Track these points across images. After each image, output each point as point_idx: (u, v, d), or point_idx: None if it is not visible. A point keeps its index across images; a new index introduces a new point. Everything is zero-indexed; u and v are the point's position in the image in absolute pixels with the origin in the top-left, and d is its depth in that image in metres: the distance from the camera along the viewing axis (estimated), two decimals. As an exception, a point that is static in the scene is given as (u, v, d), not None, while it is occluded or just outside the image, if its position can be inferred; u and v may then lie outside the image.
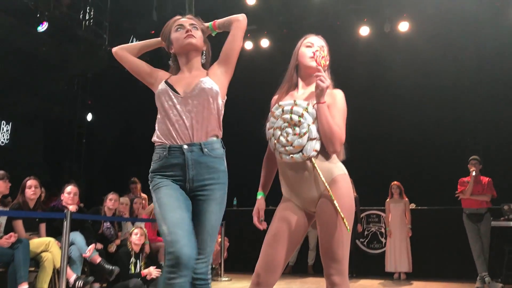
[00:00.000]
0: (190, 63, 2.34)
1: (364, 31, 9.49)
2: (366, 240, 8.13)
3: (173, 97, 2.21)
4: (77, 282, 4.79)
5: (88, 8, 9.01)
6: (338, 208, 2.12)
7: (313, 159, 2.17)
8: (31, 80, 8.48)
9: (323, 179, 2.16)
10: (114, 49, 2.42)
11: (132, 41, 10.05)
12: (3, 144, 8.54)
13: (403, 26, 9.22)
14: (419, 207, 7.91)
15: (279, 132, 2.23)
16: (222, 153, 2.26)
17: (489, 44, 8.67)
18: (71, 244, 4.89)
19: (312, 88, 2.33)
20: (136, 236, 5.40)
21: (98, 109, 10.47)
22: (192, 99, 2.20)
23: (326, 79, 2.19)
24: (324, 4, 9.21)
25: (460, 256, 6.97)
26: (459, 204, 6.57)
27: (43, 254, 4.62)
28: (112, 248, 5.54)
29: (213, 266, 7.16)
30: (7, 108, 8.36)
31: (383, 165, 9.27)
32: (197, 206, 2.16)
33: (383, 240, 7.96)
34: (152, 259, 5.70)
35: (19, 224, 4.74)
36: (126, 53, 2.40)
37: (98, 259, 5.08)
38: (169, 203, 2.07)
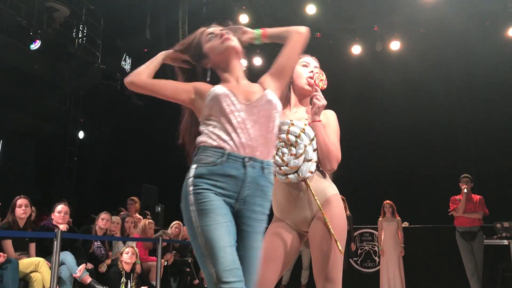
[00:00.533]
0: (234, 70, 1.97)
1: (356, 49, 9.62)
2: (360, 259, 8.08)
3: (235, 102, 1.83)
4: (66, 303, 4.73)
5: (81, 26, 9.03)
6: (331, 230, 2.11)
7: (307, 180, 2.17)
8: (23, 98, 8.44)
9: (317, 200, 2.15)
10: (127, 80, 1.92)
11: (125, 59, 10.08)
12: (-7, 162, 8.46)
13: (395, 45, 9.36)
14: (412, 226, 7.89)
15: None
16: (273, 180, 1.93)
17: (479, 63, 8.78)
18: (61, 264, 4.82)
19: (304, 108, 2.37)
20: (128, 255, 5.34)
21: (90, 127, 10.43)
22: (258, 108, 1.85)
23: (322, 98, 2.24)
24: (316, 23, 9.32)
25: (453, 275, 6.95)
26: (452, 222, 6.57)
27: (33, 275, 4.56)
28: (103, 268, 5.47)
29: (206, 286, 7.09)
30: (-2, 125, 8.31)
31: (376, 184, 9.28)
32: (240, 237, 1.80)
33: (376, 258, 7.91)
34: (143, 279, 5.63)
35: (8, 243, 4.67)
36: (146, 78, 1.93)
37: (89, 279, 5.00)
38: (221, 239, 1.70)
